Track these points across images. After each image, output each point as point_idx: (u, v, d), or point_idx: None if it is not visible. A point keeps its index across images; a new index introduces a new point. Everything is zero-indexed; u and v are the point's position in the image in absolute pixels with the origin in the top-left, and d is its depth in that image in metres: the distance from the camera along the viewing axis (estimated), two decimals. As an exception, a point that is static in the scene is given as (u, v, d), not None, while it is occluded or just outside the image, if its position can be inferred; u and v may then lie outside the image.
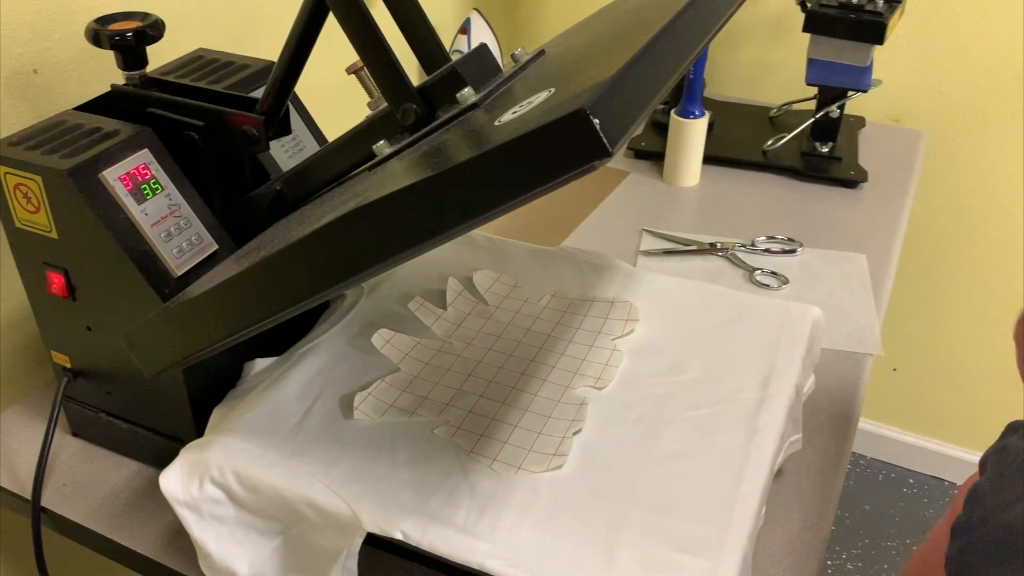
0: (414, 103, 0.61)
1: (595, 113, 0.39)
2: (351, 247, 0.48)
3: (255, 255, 0.56)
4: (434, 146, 0.54)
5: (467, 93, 0.59)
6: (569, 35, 0.73)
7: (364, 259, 0.48)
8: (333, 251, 0.49)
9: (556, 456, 0.64)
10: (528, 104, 0.48)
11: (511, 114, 0.48)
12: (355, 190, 0.57)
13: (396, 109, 0.62)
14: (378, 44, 0.61)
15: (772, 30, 1.48)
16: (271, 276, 0.51)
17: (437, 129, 0.60)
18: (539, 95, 0.49)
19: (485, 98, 0.59)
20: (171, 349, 0.58)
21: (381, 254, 0.47)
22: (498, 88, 0.60)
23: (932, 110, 1.45)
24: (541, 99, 0.48)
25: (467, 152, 0.44)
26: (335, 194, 0.64)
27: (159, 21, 0.71)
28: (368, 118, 0.65)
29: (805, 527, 0.70)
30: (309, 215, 0.60)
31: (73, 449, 0.79)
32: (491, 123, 0.50)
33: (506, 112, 0.49)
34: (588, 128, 0.39)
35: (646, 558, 0.57)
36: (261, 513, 0.62)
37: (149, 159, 0.66)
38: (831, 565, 1.71)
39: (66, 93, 0.84)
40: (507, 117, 0.48)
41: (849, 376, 0.87)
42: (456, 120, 0.58)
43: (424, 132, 0.60)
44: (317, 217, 0.54)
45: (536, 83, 0.55)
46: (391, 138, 0.63)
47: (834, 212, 1.15)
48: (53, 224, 0.65)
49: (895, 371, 1.79)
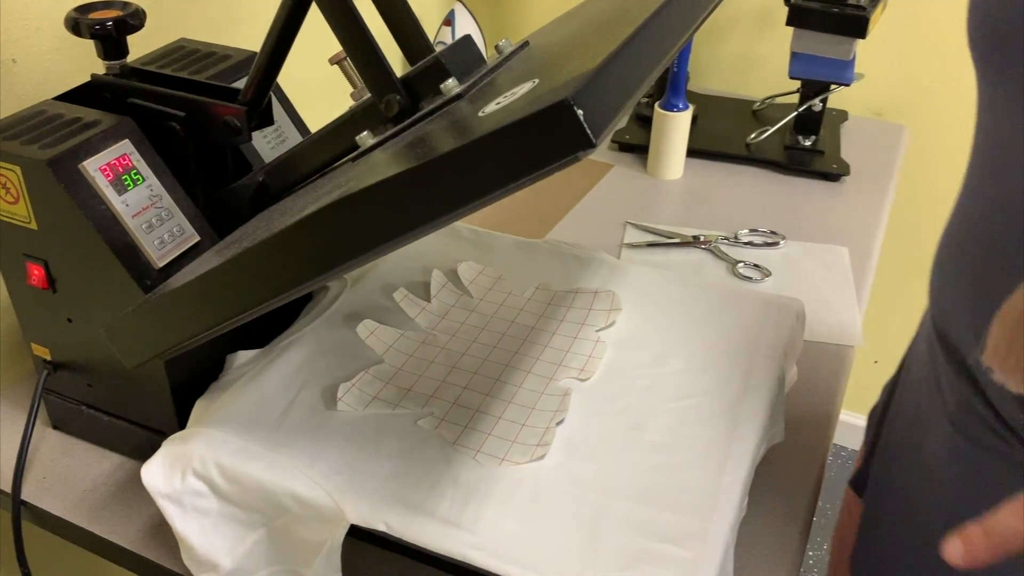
0: (397, 94, 0.61)
1: (579, 104, 0.39)
2: (334, 238, 0.48)
3: (237, 246, 0.55)
4: (417, 136, 0.54)
5: (451, 84, 0.58)
6: (554, 27, 0.73)
7: (347, 250, 0.48)
8: (316, 242, 0.48)
9: (539, 447, 0.64)
10: (512, 95, 0.48)
11: (495, 105, 0.48)
12: (338, 181, 0.57)
13: (379, 100, 0.62)
14: (361, 35, 0.61)
15: (756, 24, 1.48)
16: (253, 267, 0.51)
17: (420, 120, 0.59)
18: (523, 86, 0.49)
19: (468, 89, 0.58)
20: (152, 342, 0.57)
21: (364, 245, 0.47)
22: (482, 79, 0.60)
23: (914, 104, 1.46)
24: (525, 90, 0.47)
25: (451, 143, 0.44)
26: (318, 185, 0.64)
27: (140, 10, 0.71)
28: (351, 109, 0.64)
29: (787, 518, 0.70)
30: (291, 206, 0.59)
31: (54, 442, 0.78)
32: (475, 114, 0.49)
33: (490, 103, 0.49)
34: (572, 119, 0.39)
35: (629, 548, 0.57)
36: (244, 505, 0.62)
37: (130, 149, 0.65)
38: (812, 555, 1.73)
39: (45, 83, 0.83)
40: (491, 108, 0.48)
41: (831, 368, 0.87)
42: (440, 111, 0.58)
43: (407, 123, 0.60)
44: (299, 208, 0.54)
45: (520, 74, 0.55)
46: (374, 129, 0.62)
47: (816, 205, 1.16)
48: (33, 215, 0.65)
49: (876, 363, 1.80)
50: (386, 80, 0.61)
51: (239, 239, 0.59)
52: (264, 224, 0.58)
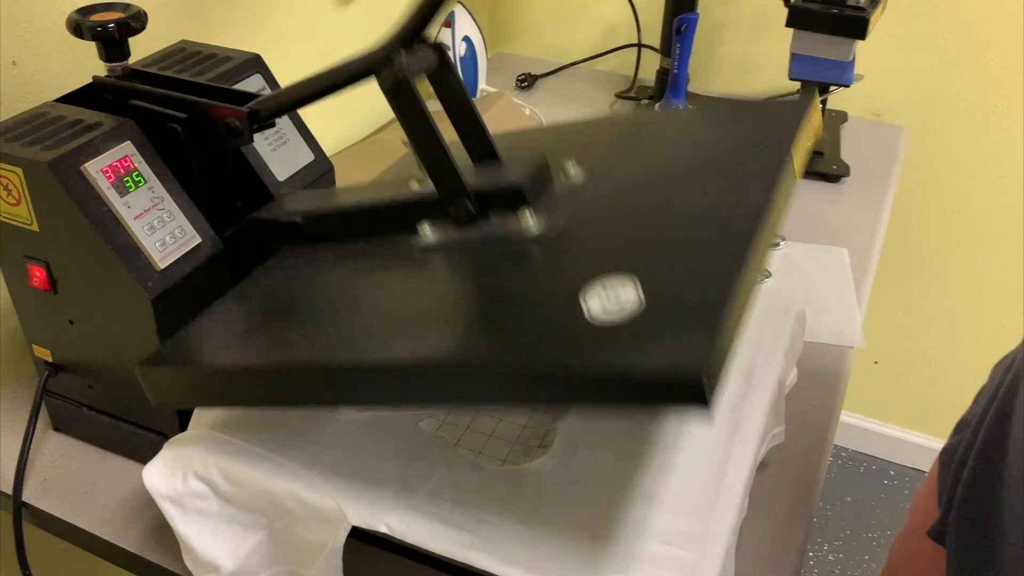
0: (469, 202, 0.61)
1: (706, 373, 0.39)
2: (398, 389, 0.49)
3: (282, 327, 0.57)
4: (498, 289, 0.54)
5: (530, 221, 0.59)
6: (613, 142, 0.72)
7: (409, 399, 0.50)
8: (380, 388, 0.50)
9: (541, 448, 0.64)
10: (616, 302, 0.47)
11: (599, 305, 0.47)
12: (401, 287, 0.58)
13: (448, 202, 0.62)
14: (435, 141, 0.60)
15: (755, 25, 1.49)
16: (311, 382, 0.53)
17: (491, 243, 0.60)
18: (625, 291, 0.48)
19: (547, 230, 0.59)
20: (185, 398, 0.59)
21: (435, 400, 0.49)
22: (558, 214, 0.60)
23: (913, 105, 1.46)
24: (630, 301, 0.46)
25: (555, 350, 0.45)
26: (374, 263, 0.62)
27: (142, 12, 0.71)
28: (417, 193, 0.64)
29: (787, 519, 0.70)
30: (343, 294, 0.59)
31: (55, 444, 0.78)
32: (575, 302, 0.48)
33: (592, 296, 0.48)
34: (697, 390, 0.39)
35: (630, 550, 0.57)
36: (245, 507, 0.62)
37: (132, 151, 0.66)
38: (813, 557, 1.73)
39: (47, 85, 0.83)
40: (596, 308, 0.47)
41: (831, 369, 0.87)
42: (516, 246, 0.59)
43: (476, 240, 0.60)
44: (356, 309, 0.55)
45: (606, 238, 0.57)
46: (434, 219, 0.62)
47: (816, 206, 1.16)
48: (34, 217, 0.65)
49: (876, 364, 1.80)
50: (457, 186, 0.61)
51: (277, 304, 0.59)
52: (306, 290, 0.58)
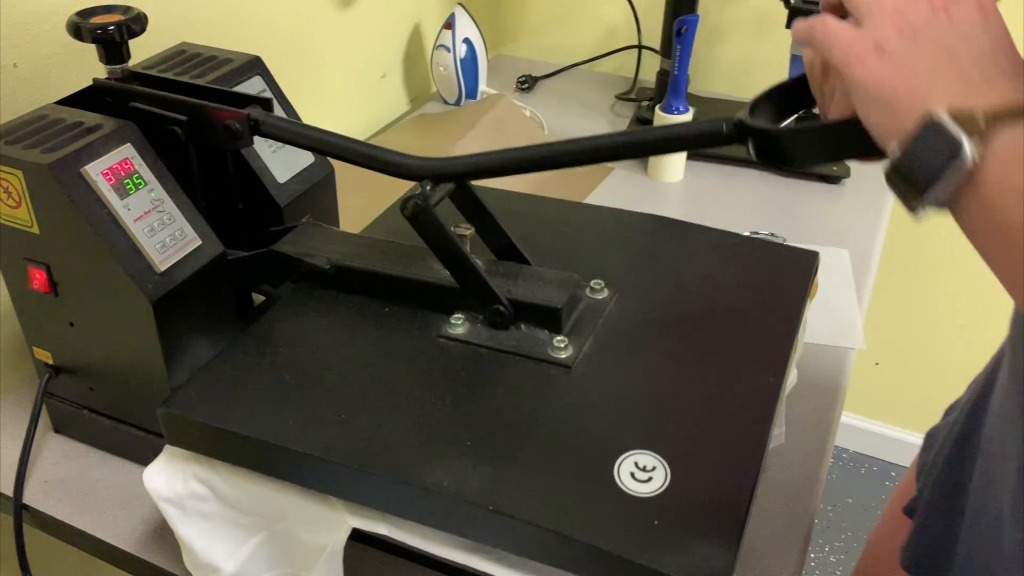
0: (503, 308, 0.64)
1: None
2: (425, 512, 0.54)
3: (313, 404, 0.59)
4: (531, 419, 0.57)
5: (561, 346, 0.63)
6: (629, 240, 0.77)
7: (429, 522, 0.55)
8: (407, 503, 0.54)
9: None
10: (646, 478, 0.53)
11: (630, 477, 0.53)
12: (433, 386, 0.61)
13: (482, 308, 0.65)
14: (469, 269, 0.64)
15: (755, 26, 1.49)
16: (339, 478, 0.56)
17: (521, 358, 0.63)
18: (655, 472, 0.54)
19: (577, 359, 0.62)
20: (204, 448, 0.60)
21: (445, 529, 0.54)
22: (586, 337, 0.64)
23: (914, 106, 1.46)
24: (659, 480, 0.53)
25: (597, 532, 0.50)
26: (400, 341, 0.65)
27: (141, 15, 0.71)
28: (453, 289, 0.66)
29: (788, 520, 0.70)
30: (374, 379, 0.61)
31: (55, 446, 0.78)
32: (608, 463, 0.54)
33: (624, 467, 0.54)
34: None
35: (631, 552, 0.57)
36: (245, 509, 0.62)
37: (132, 154, 0.66)
38: (814, 558, 1.73)
39: (47, 87, 0.83)
40: (628, 480, 0.53)
41: (832, 370, 0.87)
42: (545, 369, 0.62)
43: (506, 347, 0.64)
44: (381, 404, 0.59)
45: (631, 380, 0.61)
46: (467, 310, 0.66)
47: (817, 208, 1.16)
48: (35, 219, 0.65)
49: (877, 365, 1.80)
50: (490, 297, 0.64)
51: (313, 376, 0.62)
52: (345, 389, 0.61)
